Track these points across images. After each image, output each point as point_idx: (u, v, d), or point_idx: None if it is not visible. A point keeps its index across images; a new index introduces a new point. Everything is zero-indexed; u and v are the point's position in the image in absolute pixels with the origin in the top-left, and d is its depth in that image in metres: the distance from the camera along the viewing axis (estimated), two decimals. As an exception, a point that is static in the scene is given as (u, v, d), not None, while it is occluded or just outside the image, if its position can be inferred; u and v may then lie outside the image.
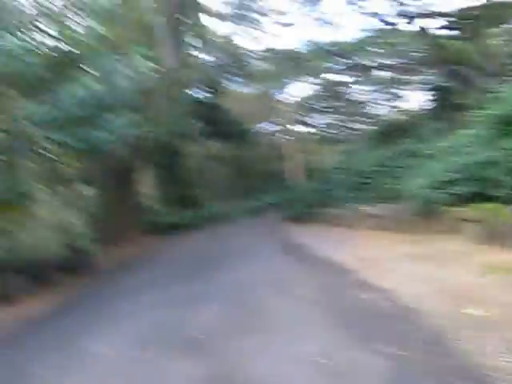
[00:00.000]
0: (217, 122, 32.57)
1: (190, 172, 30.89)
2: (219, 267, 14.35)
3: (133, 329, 9.50)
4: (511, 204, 10.96)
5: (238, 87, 39.26)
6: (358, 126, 40.18)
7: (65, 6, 14.97)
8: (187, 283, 12.78)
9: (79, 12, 15.79)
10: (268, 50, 32.41)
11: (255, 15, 32.22)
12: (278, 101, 39.40)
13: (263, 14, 32.01)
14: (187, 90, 30.32)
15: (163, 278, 14.44)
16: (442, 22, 22.70)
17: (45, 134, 12.60)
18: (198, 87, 33.40)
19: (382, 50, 26.58)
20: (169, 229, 26.48)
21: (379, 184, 17.38)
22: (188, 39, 31.94)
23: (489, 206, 11.36)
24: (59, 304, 13.56)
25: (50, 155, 13.75)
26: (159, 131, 20.36)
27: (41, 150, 13.47)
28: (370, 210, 16.94)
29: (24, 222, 15.23)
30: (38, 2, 14.63)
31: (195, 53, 34.30)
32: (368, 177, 18.58)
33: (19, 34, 12.71)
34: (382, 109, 37.60)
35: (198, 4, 31.18)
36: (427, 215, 13.46)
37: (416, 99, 33.72)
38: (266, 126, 43.22)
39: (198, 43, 33.93)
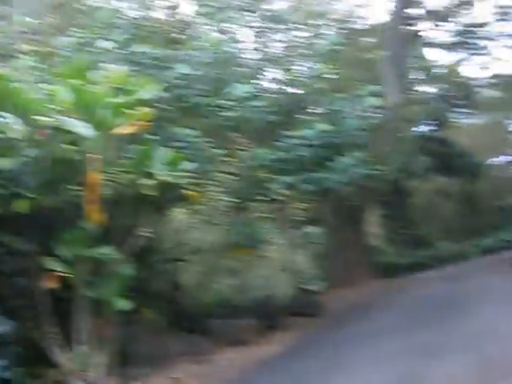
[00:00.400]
0: (444, 156, 30.78)
1: (417, 210, 29.47)
2: (459, 313, 12.99)
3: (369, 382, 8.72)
4: None
5: (464, 119, 36.83)
6: None
7: (288, 50, 15.04)
8: (425, 330, 11.69)
9: (303, 54, 15.79)
10: (496, 77, 29.96)
11: (481, 41, 30.11)
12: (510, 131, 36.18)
13: (490, 39, 29.78)
14: (412, 125, 29.19)
15: (397, 323, 13.46)
16: None
17: (273, 176, 12.58)
18: (422, 121, 31.96)
19: None
20: (398, 269, 25.27)
21: None
22: (410, 73, 30.84)
23: None
24: (288, 347, 13.32)
25: (279, 197, 13.73)
26: (386, 169, 19.70)
27: (269, 193, 13.50)
28: None
29: (253, 262, 15.38)
30: (261, 49, 14.93)
31: (418, 86, 32.94)
32: None
33: (246, 81, 12.94)
34: None
35: (419, 36, 30.00)
36: None
37: None
38: (498, 158, 39.96)
39: (421, 76, 32.56)
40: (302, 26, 16.94)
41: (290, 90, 13.68)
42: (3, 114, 9.00)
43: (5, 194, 8.90)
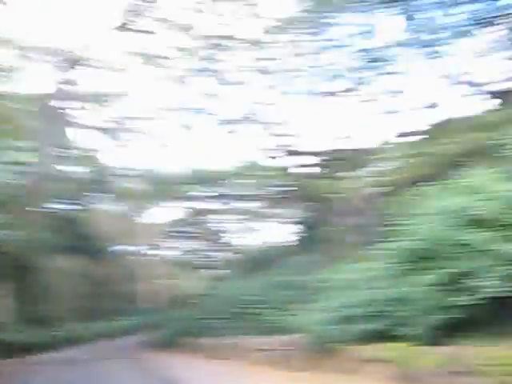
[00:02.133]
0: (75, 237, 30.31)
1: (43, 287, 27.13)
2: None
3: None
4: (421, 344, 9.06)
5: (102, 204, 35.55)
6: (223, 254, 37.09)
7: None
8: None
9: None
10: (138, 170, 29.44)
11: (130, 133, 28.57)
12: (142, 222, 36.92)
13: (138, 132, 28.58)
14: (45, 201, 27.73)
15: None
16: (310, 160, 22.68)
17: None
18: (60, 200, 30.30)
19: (252, 181, 25.50)
20: (21, 349, 21.74)
21: (263, 315, 15.03)
22: (54, 150, 28.02)
23: (397, 345, 9.50)
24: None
25: None
26: (16, 240, 18.42)
27: None
28: (255, 342, 14.55)
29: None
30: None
31: (60, 164, 29.76)
32: (248, 306, 16.18)
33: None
34: (249, 238, 34.70)
35: (66, 116, 28.84)
36: (322, 352, 11.35)
37: (284, 231, 30.03)
38: (128, 246, 40.24)
39: (63, 154, 29.44)
40: None
41: None
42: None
43: None
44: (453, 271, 8.98)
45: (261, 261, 21.76)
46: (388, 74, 20.02)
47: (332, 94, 21.44)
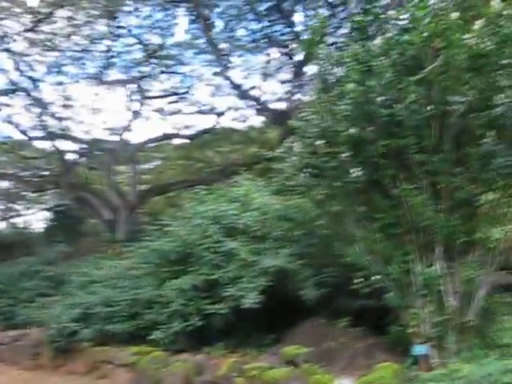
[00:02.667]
0: None
1: None
2: None
3: None
4: (167, 349, 9.10)
5: None
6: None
7: None
8: None
9: None
10: None
11: None
12: None
13: None
14: None
15: None
16: (76, 147, 21.84)
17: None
18: None
19: (6, 159, 23.19)
20: None
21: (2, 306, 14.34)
22: None
23: (140, 349, 9.44)
24: None
25: None
26: None
27: None
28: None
29: None
30: None
31: None
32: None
33: None
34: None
35: None
36: (61, 351, 10.95)
37: (35, 218, 27.28)
38: None
39: None
40: None
41: None
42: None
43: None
44: (207, 278, 8.96)
45: (6, 246, 19.57)
46: (172, 73, 19.94)
47: (110, 83, 20.52)
